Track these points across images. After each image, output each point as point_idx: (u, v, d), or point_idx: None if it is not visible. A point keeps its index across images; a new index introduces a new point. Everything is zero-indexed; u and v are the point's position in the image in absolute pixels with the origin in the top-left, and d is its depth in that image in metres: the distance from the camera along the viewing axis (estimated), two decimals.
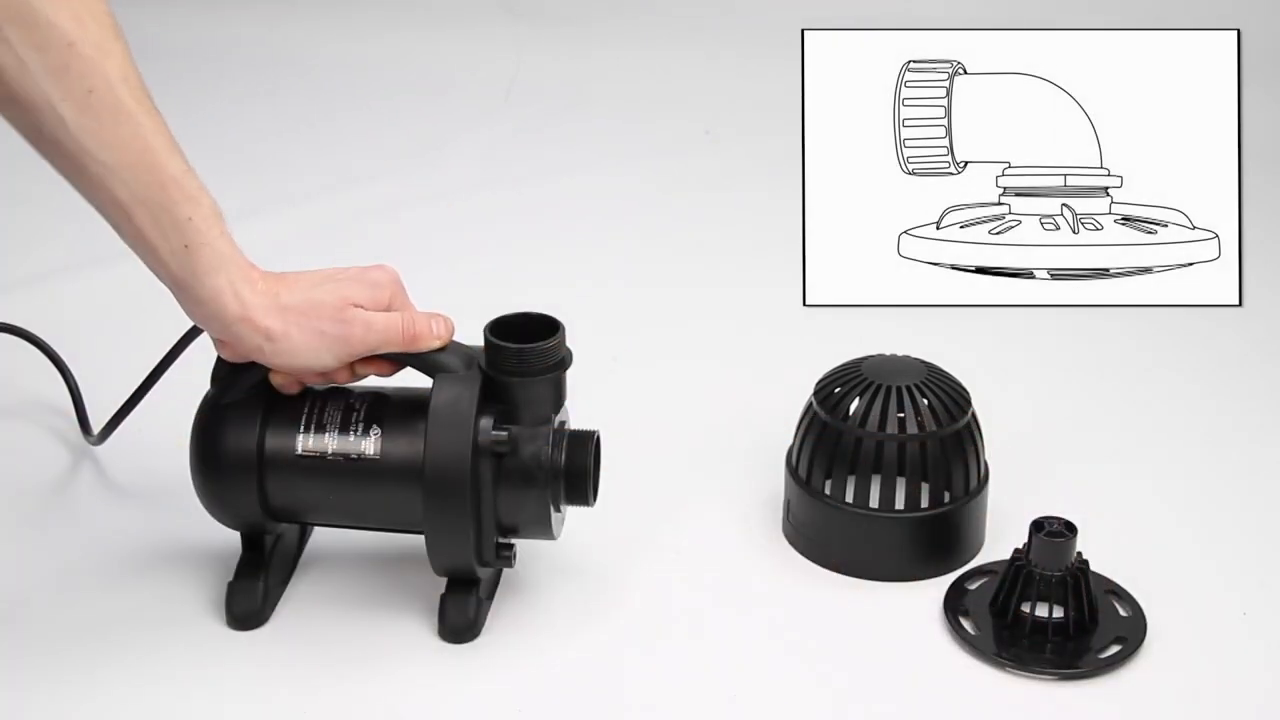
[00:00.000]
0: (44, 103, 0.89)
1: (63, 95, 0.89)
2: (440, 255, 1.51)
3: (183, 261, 0.94)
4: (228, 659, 1.02)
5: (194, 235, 0.93)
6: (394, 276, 1.01)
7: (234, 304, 0.95)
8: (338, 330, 0.98)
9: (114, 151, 0.91)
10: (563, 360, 1.02)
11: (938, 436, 1.08)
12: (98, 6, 0.90)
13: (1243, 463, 1.24)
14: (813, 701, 0.99)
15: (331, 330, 0.97)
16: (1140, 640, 1.03)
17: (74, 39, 0.88)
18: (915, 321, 1.41)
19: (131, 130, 0.91)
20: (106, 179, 0.91)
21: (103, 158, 0.91)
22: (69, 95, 0.89)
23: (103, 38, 0.90)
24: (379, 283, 1.00)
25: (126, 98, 0.91)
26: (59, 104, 0.89)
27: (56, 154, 0.91)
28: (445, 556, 1.02)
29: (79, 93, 0.89)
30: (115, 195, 0.92)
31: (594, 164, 1.76)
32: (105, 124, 0.90)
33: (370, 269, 1.01)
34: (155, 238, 0.93)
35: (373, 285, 1.00)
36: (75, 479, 1.21)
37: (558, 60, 1.98)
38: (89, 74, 0.89)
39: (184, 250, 0.93)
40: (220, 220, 0.95)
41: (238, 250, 0.96)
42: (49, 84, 0.88)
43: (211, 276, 0.94)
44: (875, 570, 1.10)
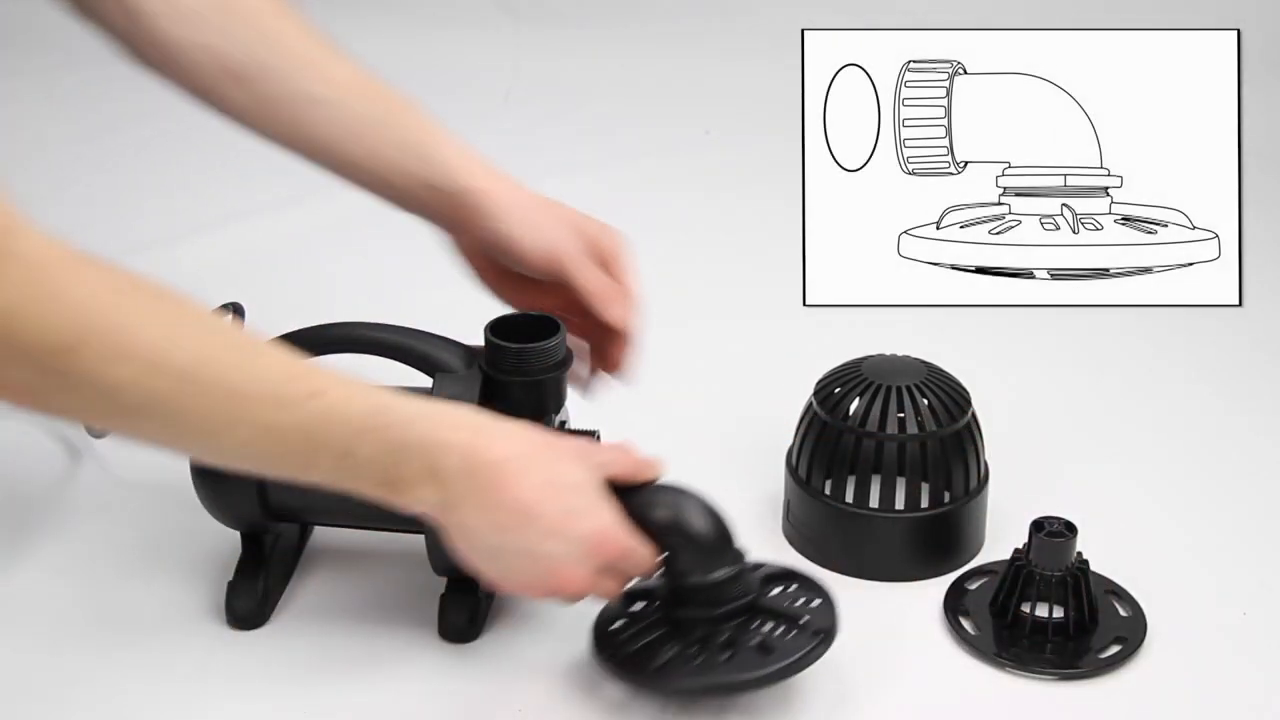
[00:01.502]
0: (266, 66, 1.01)
1: (281, 54, 1.02)
2: (441, 254, 1.51)
3: (422, 155, 1.02)
4: (228, 659, 1.02)
5: (424, 132, 1.03)
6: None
7: (481, 177, 1.02)
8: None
9: (335, 86, 1.02)
10: (563, 360, 1.02)
11: (938, 436, 1.08)
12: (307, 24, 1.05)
13: (1243, 463, 1.24)
14: (813, 701, 0.99)
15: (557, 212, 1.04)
16: (1140, 640, 1.03)
17: (272, 13, 1.02)
18: (915, 321, 1.41)
19: (344, 68, 1.03)
20: (335, 113, 1.02)
21: (327, 95, 1.02)
22: (287, 52, 1.02)
23: (290, 8, 1.03)
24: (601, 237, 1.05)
25: (330, 46, 1.03)
26: (281, 63, 1.02)
27: (286, 112, 1.02)
28: (445, 556, 1.01)
29: (295, 48, 1.02)
30: (348, 126, 1.02)
31: (594, 164, 1.76)
32: (320, 66, 1.02)
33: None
34: (391, 149, 1.02)
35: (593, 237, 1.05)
36: (75, 479, 1.21)
37: (557, 60, 1.98)
38: (295, 35, 1.03)
39: (420, 146, 1.03)
40: (436, 120, 1.04)
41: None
42: (265, 50, 1.01)
43: (455, 157, 1.03)
44: (875, 570, 1.10)
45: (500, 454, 0.88)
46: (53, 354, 0.75)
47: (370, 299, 1.42)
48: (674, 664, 0.95)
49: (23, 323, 0.73)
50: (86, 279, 0.76)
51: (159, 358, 0.78)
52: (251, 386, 0.82)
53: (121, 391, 0.77)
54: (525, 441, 0.90)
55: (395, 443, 0.86)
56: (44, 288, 0.74)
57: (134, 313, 0.77)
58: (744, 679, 0.94)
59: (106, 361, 0.76)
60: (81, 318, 0.75)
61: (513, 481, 0.88)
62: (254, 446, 0.84)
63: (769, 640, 0.95)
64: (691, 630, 0.95)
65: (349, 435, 0.85)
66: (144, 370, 0.77)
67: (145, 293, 0.79)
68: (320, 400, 0.84)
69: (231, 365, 0.81)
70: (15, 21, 2.07)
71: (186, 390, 0.79)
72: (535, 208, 1.02)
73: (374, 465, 0.87)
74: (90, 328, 0.75)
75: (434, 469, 0.87)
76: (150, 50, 1.03)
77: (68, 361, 0.75)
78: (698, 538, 0.94)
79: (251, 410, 0.82)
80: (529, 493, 0.88)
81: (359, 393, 0.86)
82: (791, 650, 0.94)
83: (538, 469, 0.89)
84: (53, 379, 0.76)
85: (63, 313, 0.74)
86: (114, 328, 0.76)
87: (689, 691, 0.96)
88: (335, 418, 0.85)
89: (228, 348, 0.82)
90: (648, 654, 0.96)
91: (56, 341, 0.75)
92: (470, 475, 0.88)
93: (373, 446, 0.86)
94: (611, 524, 0.91)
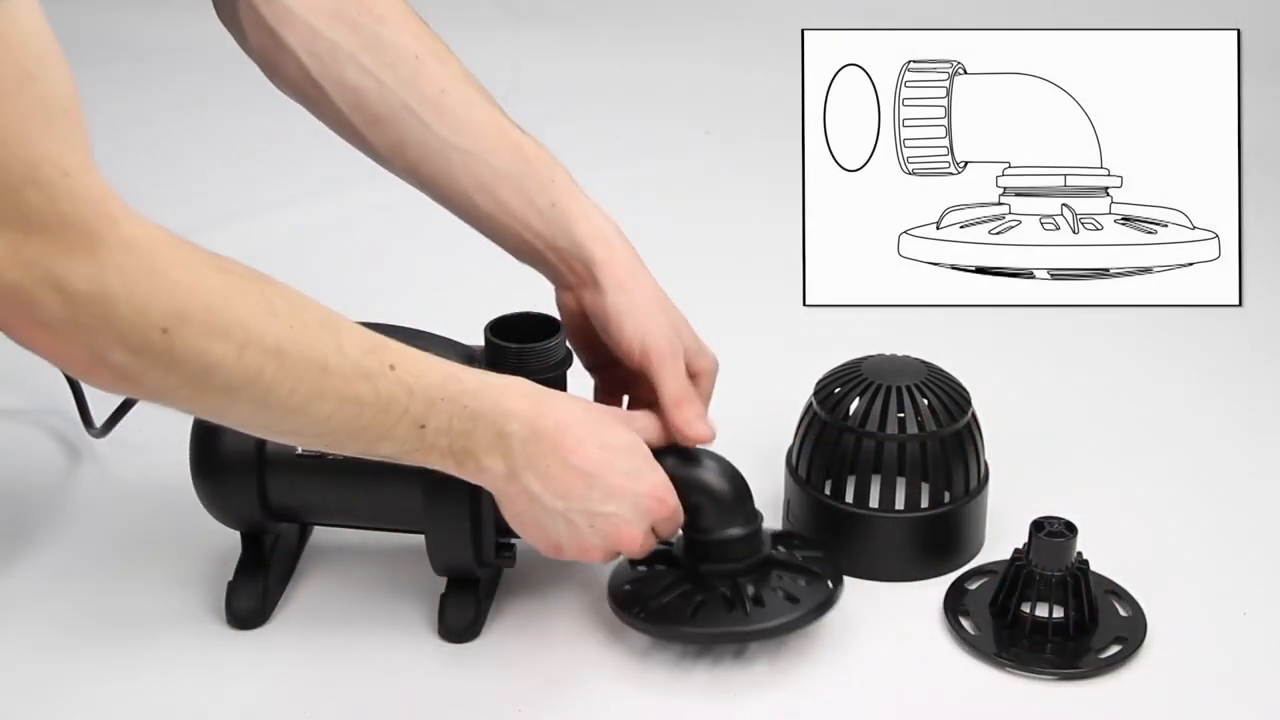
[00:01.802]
0: (405, 110, 1.00)
1: (420, 100, 1.00)
2: (441, 254, 1.51)
3: (551, 217, 1.01)
4: (228, 659, 1.02)
5: (559, 192, 1.01)
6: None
7: (602, 248, 1.00)
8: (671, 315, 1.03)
9: (474, 137, 1.01)
10: (563, 360, 1.02)
11: (938, 436, 1.08)
12: (425, 26, 1.03)
13: (1243, 463, 1.24)
14: (813, 701, 0.99)
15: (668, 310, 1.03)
16: (1140, 640, 1.03)
17: (418, 53, 1.01)
18: (915, 321, 1.41)
19: (485, 116, 1.02)
20: (471, 164, 1.00)
21: (465, 145, 1.00)
22: (425, 99, 1.00)
23: (439, 48, 1.03)
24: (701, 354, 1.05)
25: (473, 91, 1.02)
26: (419, 108, 1.00)
27: (421, 158, 1.01)
28: (445, 556, 1.02)
29: (433, 93, 1.00)
30: (481, 177, 1.01)
31: (593, 164, 1.76)
32: (460, 115, 1.01)
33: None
34: (521, 205, 1.01)
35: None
36: (75, 478, 1.21)
37: (557, 61, 1.98)
38: (437, 78, 1.01)
39: (551, 207, 1.01)
40: (576, 182, 1.03)
41: (602, 209, 1.03)
42: (406, 94, 1.00)
43: (583, 223, 1.01)
44: (875, 570, 1.10)
45: (558, 420, 0.93)
46: (153, 333, 0.77)
47: (370, 299, 1.42)
48: (709, 612, 1.00)
49: (125, 306, 0.75)
50: (184, 261, 0.78)
51: (253, 334, 0.80)
52: (337, 360, 0.84)
53: (218, 368, 0.79)
54: (578, 408, 0.95)
55: (467, 413, 0.90)
56: (144, 271, 0.76)
57: (229, 292, 0.80)
58: (781, 623, 1.00)
59: (204, 339, 0.78)
60: (180, 299, 0.77)
61: (573, 446, 0.93)
62: (336, 420, 0.86)
63: (791, 589, 1.01)
64: (715, 585, 1.01)
65: (424, 406, 0.88)
66: (239, 347, 0.80)
67: (237, 273, 0.81)
68: (397, 372, 0.87)
69: (319, 340, 0.84)
70: None
71: (279, 365, 0.81)
72: (647, 297, 1.01)
73: (445, 435, 0.90)
74: (189, 308, 0.77)
75: (502, 437, 0.91)
76: (283, 82, 1.03)
77: (167, 341, 0.77)
78: (724, 495, 1.00)
79: (336, 384, 0.84)
80: (590, 456, 0.93)
81: (429, 363, 0.89)
82: (815, 596, 1.01)
83: (593, 434, 0.94)
84: (152, 358, 0.78)
85: (162, 294, 0.76)
86: (211, 307, 0.78)
87: (735, 637, 1.01)
88: (412, 388, 0.87)
89: (315, 324, 0.84)
90: (678, 607, 1.00)
91: (157, 321, 0.76)
92: (534, 442, 0.92)
93: (444, 417, 0.89)
94: (665, 483, 0.96)
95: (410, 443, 0.89)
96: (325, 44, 1.00)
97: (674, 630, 1.01)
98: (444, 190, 1.02)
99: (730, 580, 1.00)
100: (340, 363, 0.84)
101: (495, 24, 2.03)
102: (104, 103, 1.89)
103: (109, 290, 0.74)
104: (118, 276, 0.75)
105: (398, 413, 0.87)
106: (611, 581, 1.05)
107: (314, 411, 0.85)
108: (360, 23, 1.00)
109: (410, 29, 1.02)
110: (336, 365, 0.84)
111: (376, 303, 1.16)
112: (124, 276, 0.75)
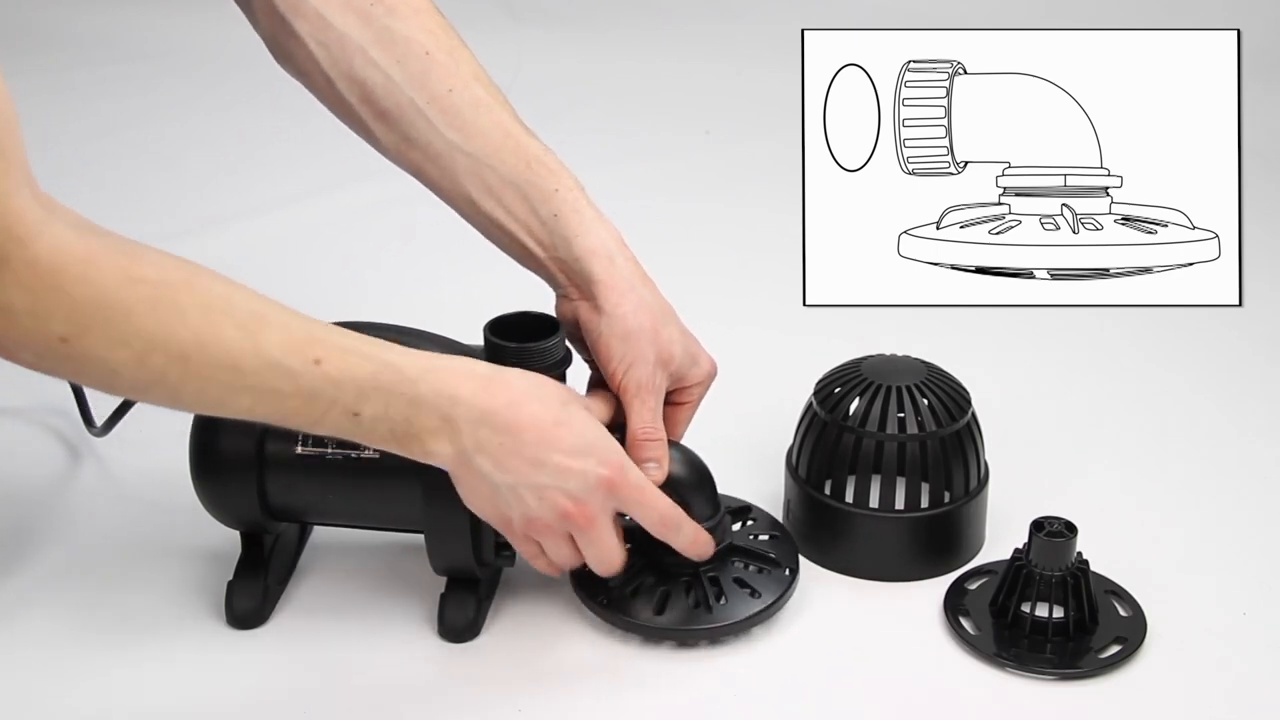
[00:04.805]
0: (411, 108, 0.99)
1: (428, 99, 0.99)
2: (440, 254, 1.51)
3: (553, 228, 1.00)
4: (228, 659, 1.02)
5: (562, 204, 1.00)
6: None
7: (602, 266, 0.99)
8: (682, 334, 1.03)
9: (480, 140, 1.00)
10: (563, 360, 1.02)
11: (938, 436, 1.08)
12: (441, 20, 1.02)
13: (1242, 463, 1.24)
14: (813, 701, 0.99)
15: (680, 333, 1.03)
16: (1140, 640, 1.03)
17: (429, 48, 1.00)
18: (915, 321, 1.41)
19: (492, 119, 1.00)
20: (475, 168, 1.00)
21: (470, 148, 0.99)
22: (433, 97, 0.99)
23: (452, 44, 1.01)
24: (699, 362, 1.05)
25: (482, 92, 1.01)
26: (425, 107, 0.99)
27: (425, 157, 1.00)
28: (445, 556, 1.02)
29: (441, 92, 0.99)
30: (486, 182, 1.00)
31: (593, 164, 1.75)
32: (467, 117, 0.99)
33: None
34: (524, 213, 1.00)
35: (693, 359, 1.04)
36: (75, 478, 1.21)
37: (558, 60, 1.98)
38: (446, 76, 1.00)
39: (554, 218, 1.00)
40: (583, 191, 1.01)
41: (606, 219, 1.01)
42: (414, 90, 0.99)
43: (584, 237, 0.99)
44: (875, 570, 1.10)
45: (510, 398, 0.92)
46: (52, 341, 0.80)
47: (369, 299, 1.42)
48: (670, 606, 1.02)
49: (25, 317, 0.78)
50: (89, 277, 0.79)
51: (156, 343, 0.81)
52: (250, 361, 0.85)
53: (121, 373, 0.82)
54: (532, 385, 0.94)
55: (404, 400, 0.90)
56: (45, 288, 0.78)
57: (133, 304, 0.81)
58: (742, 619, 1.02)
59: (103, 348, 0.80)
60: (79, 313, 0.79)
61: (527, 424, 0.92)
62: (259, 411, 0.87)
63: (748, 579, 1.04)
64: (677, 574, 1.03)
65: (353, 397, 0.88)
66: (140, 354, 0.81)
67: (150, 283, 0.81)
68: (322, 367, 0.87)
69: (231, 342, 0.84)
70: (18, 20, 2.08)
71: (184, 369, 0.83)
72: (641, 322, 1.00)
73: (382, 422, 0.90)
74: (87, 321, 0.79)
75: (448, 421, 0.91)
76: (293, 69, 1.03)
77: (67, 348, 0.80)
78: (690, 487, 1.01)
79: (251, 382, 0.85)
80: (544, 433, 0.93)
81: (362, 355, 0.89)
82: (773, 588, 1.04)
83: (547, 411, 0.93)
84: (55, 361, 0.81)
85: (61, 309, 0.79)
86: (111, 320, 0.80)
87: (692, 633, 1.02)
88: (338, 381, 0.87)
89: (229, 326, 0.84)
90: (639, 598, 1.02)
91: (55, 331, 0.79)
92: (484, 423, 0.91)
93: (380, 405, 0.89)
94: (620, 458, 0.96)
95: (346, 429, 0.90)
96: (335, 34, 1.00)
97: (630, 622, 1.02)
98: (448, 191, 1.02)
99: (693, 570, 1.03)
100: (255, 363, 0.84)
101: (497, 24, 2.03)
102: (104, 103, 1.89)
103: (11, 304, 0.77)
104: (18, 292, 0.77)
105: (324, 404, 0.87)
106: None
107: (231, 405, 0.86)
108: (372, 14, 1.00)
109: (423, 23, 1.01)
110: (251, 366, 0.84)
111: (376, 302, 1.17)
112: (25, 292, 0.77)
